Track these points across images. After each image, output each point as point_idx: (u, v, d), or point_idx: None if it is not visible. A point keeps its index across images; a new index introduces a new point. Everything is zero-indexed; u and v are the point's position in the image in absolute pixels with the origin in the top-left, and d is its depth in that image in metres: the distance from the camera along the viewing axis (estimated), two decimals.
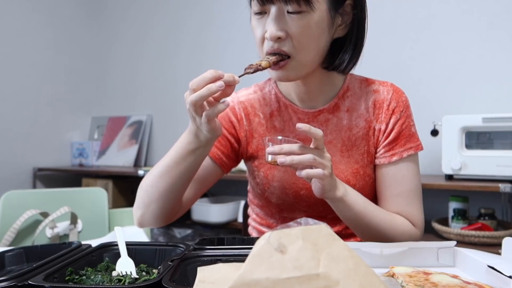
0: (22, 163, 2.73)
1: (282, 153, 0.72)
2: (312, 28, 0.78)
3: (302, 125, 0.72)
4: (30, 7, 2.77)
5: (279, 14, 0.77)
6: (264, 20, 0.79)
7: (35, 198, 1.26)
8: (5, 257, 0.71)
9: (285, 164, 0.72)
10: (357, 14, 0.83)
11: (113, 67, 3.17)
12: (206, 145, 0.80)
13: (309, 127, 0.72)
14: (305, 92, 0.91)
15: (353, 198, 0.81)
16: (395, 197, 0.89)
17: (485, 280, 0.59)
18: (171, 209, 0.88)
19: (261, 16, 0.80)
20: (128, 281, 0.62)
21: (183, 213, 0.95)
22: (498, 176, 1.64)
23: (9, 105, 2.66)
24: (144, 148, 2.91)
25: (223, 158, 0.94)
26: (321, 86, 0.91)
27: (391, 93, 0.91)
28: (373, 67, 0.99)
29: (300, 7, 0.75)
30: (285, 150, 0.73)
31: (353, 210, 0.81)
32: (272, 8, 0.77)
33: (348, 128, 0.91)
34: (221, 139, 0.94)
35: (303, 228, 0.32)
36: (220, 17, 2.71)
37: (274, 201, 0.94)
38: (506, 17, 1.91)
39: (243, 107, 0.96)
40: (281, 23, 0.77)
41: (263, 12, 0.79)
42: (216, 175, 0.96)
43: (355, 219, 0.82)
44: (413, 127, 0.91)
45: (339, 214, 0.83)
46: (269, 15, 0.78)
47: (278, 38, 0.77)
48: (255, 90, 0.98)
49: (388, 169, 0.90)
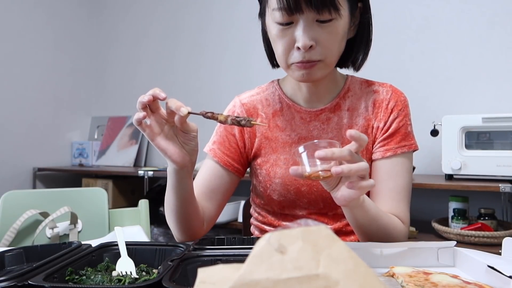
0: (22, 163, 2.73)
1: (334, 158, 0.64)
2: (339, 34, 0.81)
3: (353, 131, 0.65)
4: (30, 7, 2.77)
5: (308, 23, 0.78)
6: (291, 30, 0.80)
7: (35, 198, 1.26)
8: (5, 257, 0.71)
9: (342, 174, 0.64)
10: (366, 15, 0.88)
11: (113, 67, 3.17)
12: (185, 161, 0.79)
13: (359, 133, 0.66)
14: (313, 93, 0.94)
15: (368, 202, 0.79)
16: (387, 192, 0.90)
17: (485, 280, 0.59)
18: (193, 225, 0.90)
19: (288, 27, 0.80)
20: (128, 281, 0.62)
21: (211, 226, 0.97)
22: (498, 176, 1.64)
23: (9, 105, 2.66)
24: (144, 148, 2.92)
25: (234, 164, 0.96)
26: (327, 87, 0.95)
27: (390, 93, 0.94)
28: (373, 67, 0.99)
29: (331, 16, 0.78)
30: (337, 155, 0.64)
31: (368, 215, 0.79)
32: (301, 17, 0.78)
33: (349, 126, 0.94)
34: (230, 146, 0.97)
35: (303, 229, 0.32)
36: (219, 17, 2.71)
37: (276, 198, 0.96)
38: (506, 17, 1.91)
39: (245, 109, 0.99)
40: (311, 32, 0.78)
41: (290, 22, 0.79)
42: (232, 183, 0.98)
43: (368, 224, 0.80)
44: (409, 126, 0.93)
45: (352, 221, 0.81)
46: (297, 25, 0.79)
47: (310, 47, 0.79)
48: (257, 92, 1.01)
49: (382, 163, 0.91)
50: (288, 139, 0.95)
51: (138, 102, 0.73)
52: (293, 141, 0.95)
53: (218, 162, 0.96)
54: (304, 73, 0.83)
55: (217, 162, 0.96)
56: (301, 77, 0.84)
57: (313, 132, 0.94)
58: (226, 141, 0.97)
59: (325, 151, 0.64)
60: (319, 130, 0.94)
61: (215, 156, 0.96)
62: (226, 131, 0.98)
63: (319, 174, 0.67)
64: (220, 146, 0.97)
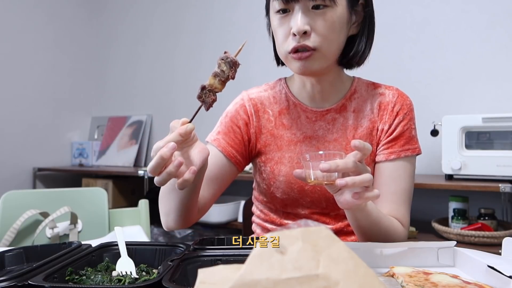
0: (22, 163, 2.73)
1: (338, 170, 0.66)
2: (335, 22, 0.82)
3: (357, 142, 0.66)
4: (30, 7, 2.77)
5: (304, 10, 0.81)
6: (288, 18, 0.83)
7: (35, 198, 1.26)
8: (5, 257, 0.71)
9: (347, 187, 0.65)
10: (368, 12, 0.89)
11: (113, 67, 3.17)
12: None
13: (363, 143, 0.66)
14: (318, 91, 0.95)
15: (370, 206, 0.79)
16: (390, 194, 0.90)
17: (485, 280, 0.59)
18: (189, 215, 0.88)
19: (285, 15, 0.83)
20: (128, 281, 0.62)
21: (204, 213, 0.95)
22: (498, 176, 1.64)
23: (9, 105, 2.66)
24: (144, 148, 2.91)
25: (237, 156, 0.96)
26: (333, 86, 0.95)
27: (396, 96, 0.95)
28: (373, 67, 0.99)
29: (324, 2, 0.80)
30: (341, 167, 0.65)
31: (369, 218, 0.79)
32: (296, 5, 0.81)
33: (354, 127, 0.94)
34: (235, 137, 0.96)
35: (303, 230, 0.33)
36: (219, 17, 2.71)
37: (279, 196, 0.96)
38: (506, 17, 1.91)
39: (253, 103, 0.99)
40: (306, 18, 0.81)
41: (287, 10, 0.83)
42: (232, 174, 0.97)
43: (369, 227, 0.81)
44: (414, 130, 0.94)
45: (353, 223, 0.82)
46: (293, 12, 0.82)
47: (304, 33, 0.80)
48: (265, 89, 1.02)
49: (385, 166, 0.92)
50: (293, 137, 0.95)
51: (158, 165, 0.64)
52: (298, 139, 0.95)
53: (221, 151, 0.95)
54: (301, 65, 0.83)
55: (220, 151, 0.95)
56: (298, 69, 0.85)
57: (318, 132, 0.95)
58: (231, 132, 0.97)
59: (329, 163, 0.64)
60: (325, 130, 0.94)
61: (219, 145, 0.95)
62: (231, 122, 0.97)
63: (323, 182, 0.68)
64: (225, 136, 0.96)
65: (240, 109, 0.98)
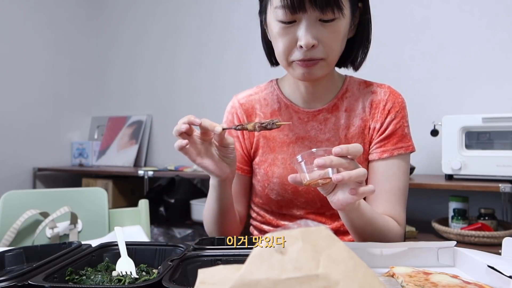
0: (22, 163, 2.73)
1: (333, 166, 0.66)
2: (341, 33, 0.82)
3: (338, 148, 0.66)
4: (30, 7, 2.77)
5: (312, 23, 0.78)
6: (293, 29, 0.80)
7: (35, 198, 1.26)
8: (5, 257, 0.71)
9: (343, 182, 0.65)
10: (366, 15, 0.89)
11: (113, 67, 3.17)
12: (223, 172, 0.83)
13: (347, 147, 0.66)
14: (311, 93, 0.95)
15: (363, 205, 0.79)
16: (384, 193, 0.90)
17: (485, 280, 0.59)
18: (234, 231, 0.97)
19: (290, 25, 0.80)
20: (128, 281, 0.62)
21: (243, 225, 1.04)
22: (498, 176, 1.64)
23: (9, 105, 2.66)
24: (144, 148, 2.92)
25: (243, 167, 1.01)
26: (326, 87, 0.95)
27: (388, 94, 0.94)
28: (373, 67, 1.00)
29: (334, 15, 0.78)
30: (335, 162, 0.66)
31: (363, 218, 0.79)
32: (304, 16, 0.78)
33: (346, 127, 0.94)
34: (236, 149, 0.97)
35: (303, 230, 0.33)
36: (219, 17, 2.71)
37: (274, 198, 0.96)
38: (506, 17, 1.91)
39: (244, 109, 1.00)
40: (314, 31, 0.79)
41: (292, 21, 0.79)
42: (248, 183, 1.03)
43: (363, 227, 0.80)
44: (407, 128, 0.94)
45: (347, 223, 0.81)
46: (299, 24, 0.79)
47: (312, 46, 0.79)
48: (256, 91, 1.02)
49: (378, 164, 0.91)
50: (286, 139, 0.95)
51: (176, 131, 0.75)
52: (291, 141, 0.95)
53: None
54: (305, 72, 0.83)
55: None
56: (302, 75, 0.84)
57: (310, 132, 0.95)
58: None
59: (324, 158, 0.65)
60: (317, 131, 0.94)
61: None
62: (229, 133, 0.99)
63: (318, 182, 0.68)
64: None
65: (232, 117, 1.01)
